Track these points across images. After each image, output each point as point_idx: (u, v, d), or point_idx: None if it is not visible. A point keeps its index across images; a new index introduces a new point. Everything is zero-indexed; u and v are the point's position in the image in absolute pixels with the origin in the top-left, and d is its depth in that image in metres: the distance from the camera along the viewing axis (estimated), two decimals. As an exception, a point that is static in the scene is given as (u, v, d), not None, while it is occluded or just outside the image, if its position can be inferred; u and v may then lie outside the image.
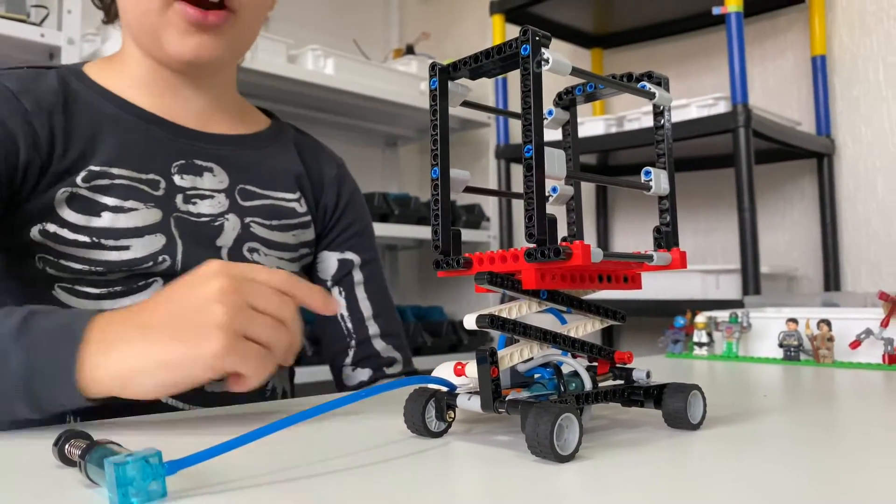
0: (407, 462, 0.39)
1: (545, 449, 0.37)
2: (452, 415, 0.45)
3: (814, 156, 1.83)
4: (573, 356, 0.46)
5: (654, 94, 0.46)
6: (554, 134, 0.48)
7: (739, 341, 0.90)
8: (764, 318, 0.90)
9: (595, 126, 1.84)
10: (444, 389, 0.45)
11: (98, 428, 0.50)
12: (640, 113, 1.77)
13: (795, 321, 0.85)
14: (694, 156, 1.95)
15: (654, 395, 0.46)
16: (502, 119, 2.15)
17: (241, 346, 0.48)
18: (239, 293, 0.49)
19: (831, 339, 0.82)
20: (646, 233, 2.16)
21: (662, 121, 0.47)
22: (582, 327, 0.47)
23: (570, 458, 0.38)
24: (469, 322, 0.42)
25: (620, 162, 2.17)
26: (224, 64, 0.79)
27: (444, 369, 0.48)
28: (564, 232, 0.50)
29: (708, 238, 2.06)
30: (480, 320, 0.41)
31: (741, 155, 1.54)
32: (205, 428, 0.51)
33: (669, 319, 0.96)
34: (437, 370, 0.49)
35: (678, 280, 1.68)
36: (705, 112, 1.63)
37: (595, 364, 0.48)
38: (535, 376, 0.45)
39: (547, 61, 0.39)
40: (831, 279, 1.81)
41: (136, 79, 0.78)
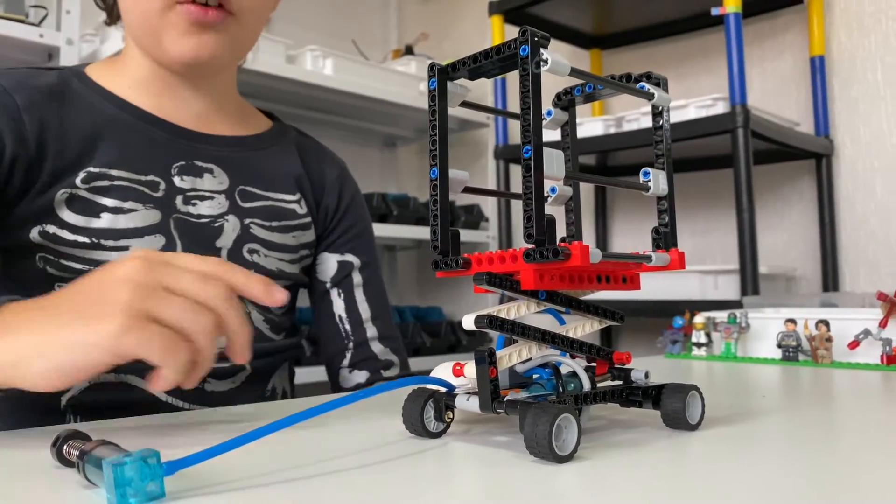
0: (406, 462, 0.39)
1: (544, 449, 0.37)
2: (451, 415, 0.45)
3: (812, 156, 1.83)
4: (572, 357, 0.46)
5: (653, 95, 0.46)
6: (553, 134, 0.48)
7: (738, 342, 0.90)
8: (762, 319, 0.90)
9: (594, 126, 1.84)
10: (443, 390, 0.45)
11: (97, 428, 0.49)
12: (639, 113, 1.77)
13: (794, 321, 0.85)
14: (693, 156, 1.95)
15: (653, 396, 0.46)
16: (501, 119, 2.15)
17: (144, 327, 0.44)
18: (152, 273, 0.46)
19: (830, 340, 0.82)
20: (644, 233, 2.16)
21: (661, 121, 0.47)
22: (580, 328, 0.47)
23: (569, 459, 0.38)
24: (468, 322, 0.42)
25: (619, 162, 2.17)
26: (224, 64, 0.79)
27: (443, 370, 0.48)
28: (563, 232, 0.50)
29: (706, 238, 2.06)
30: (479, 321, 0.41)
31: (740, 155, 1.54)
32: (204, 428, 0.51)
33: (668, 320, 0.97)
34: (436, 371, 0.49)
35: (677, 280, 1.68)
36: (704, 113, 1.63)
37: (594, 364, 0.48)
38: (534, 377, 0.45)
39: (546, 62, 0.39)
40: (830, 279, 1.81)
41: (137, 80, 0.78)
